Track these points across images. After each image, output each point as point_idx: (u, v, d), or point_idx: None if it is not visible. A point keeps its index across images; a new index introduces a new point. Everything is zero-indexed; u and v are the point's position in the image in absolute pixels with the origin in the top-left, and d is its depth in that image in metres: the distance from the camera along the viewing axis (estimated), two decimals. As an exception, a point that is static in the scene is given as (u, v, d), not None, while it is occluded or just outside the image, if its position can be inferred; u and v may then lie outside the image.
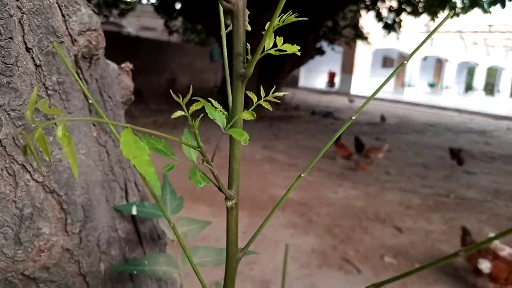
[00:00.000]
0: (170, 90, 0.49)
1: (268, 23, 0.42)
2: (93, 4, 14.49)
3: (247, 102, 0.46)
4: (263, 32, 0.42)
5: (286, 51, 0.44)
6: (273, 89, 0.50)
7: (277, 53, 0.44)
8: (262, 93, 0.48)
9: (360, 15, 12.27)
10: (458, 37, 23.09)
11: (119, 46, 11.43)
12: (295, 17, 0.47)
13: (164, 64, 13.20)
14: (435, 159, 6.66)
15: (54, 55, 0.74)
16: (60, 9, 0.76)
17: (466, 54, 26.07)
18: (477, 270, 2.53)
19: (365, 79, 21.44)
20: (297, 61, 11.65)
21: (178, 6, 11.18)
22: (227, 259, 0.53)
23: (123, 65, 1.14)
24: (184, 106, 0.42)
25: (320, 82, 23.86)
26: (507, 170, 6.26)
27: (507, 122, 14.14)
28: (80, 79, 0.82)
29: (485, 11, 9.82)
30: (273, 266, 2.70)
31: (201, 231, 3.18)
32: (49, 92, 0.74)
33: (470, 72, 32.18)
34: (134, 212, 0.92)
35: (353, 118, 0.54)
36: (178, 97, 0.43)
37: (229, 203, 0.50)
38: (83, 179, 0.82)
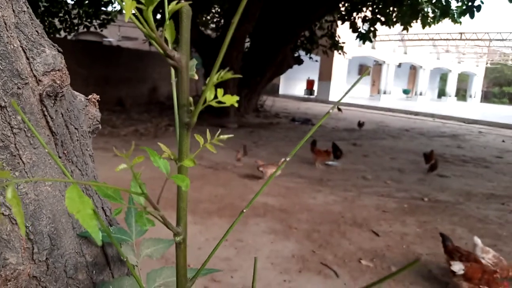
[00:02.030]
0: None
1: (217, 75, 0.47)
2: (74, 15, 14.41)
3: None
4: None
5: (225, 103, 0.48)
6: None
7: (218, 105, 0.48)
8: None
9: (336, 25, 12.56)
10: (431, 45, 23.85)
11: (101, 56, 11.34)
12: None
13: (145, 73, 13.18)
14: (410, 163, 6.86)
15: (19, 96, 0.80)
16: (25, 52, 0.82)
17: (439, 61, 26.92)
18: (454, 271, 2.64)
19: (342, 86, 21.86)
20: (276, 70, 11.83)
21: (158, 16, 11.22)
22: (177, 289, 0.55)
23: (90, 96, 1.19)
24: (127, 159, 0.44)
25: (299, 89, 24.17)
26: (478, 173, 6.50)
27: (479, 126, 14.66)
28: (45, 115, 0.87)
29: (455, 21, 10.23)
30: (254, 273, 2.74)
31: (187, 239, 3.19)
32: (14, 130, 0.80)
33: (443, 78, 33.20)
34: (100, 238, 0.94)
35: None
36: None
37: (177, 239, 0.53)
38: (49, 209, 0.87)
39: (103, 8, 12.00)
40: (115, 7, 13.38)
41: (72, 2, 14.07)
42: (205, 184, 4.77)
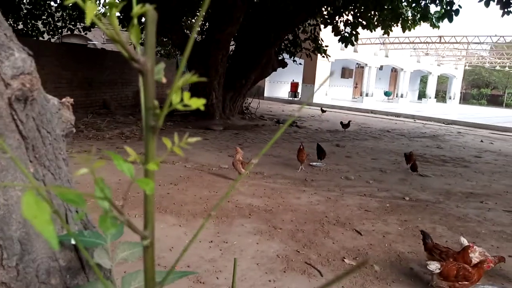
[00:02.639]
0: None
1: (178, 81, 0.48)
2: (57, 17, 14.12)
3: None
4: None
5: (191, 105, 0.48)
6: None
7: (184, 108, 0.48)
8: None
9: (319, 29, 12.70)
10: (411, 48, 24.32)
11: (85, 59, 11.19)
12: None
13: (131, 76, 13.06)
14: (391, 164, 7.00)
15: None
16: None
17: (419, 63, 27.46)
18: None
19: (325, 89, 22.11)
20: (261, 73, 11.89)
21: (143, 19, 11.16)
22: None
23: (63, 99, 1.17)
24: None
25: (284, 92, 24.31)
26: (457, 172, 6.68)
27: (458, 126, 15.01)
28: (15, 119, 0.86)
29: (434, 25, 10.49)
30: (238, 274, 2.76)
31: (169, 242, 3.16)
32: None
33: (423, 80, 33.88)
34: (72, 241, 0.94)
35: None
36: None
37: (145, 242, 0.53)
38: (20, 214, 0.86)
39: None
40: (99, 10, 13.25)
41: (56, 5, 13.87)
42: (190, 186, 4.77)
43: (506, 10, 8.54)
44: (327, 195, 4.79)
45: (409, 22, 10.95)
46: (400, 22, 10.86)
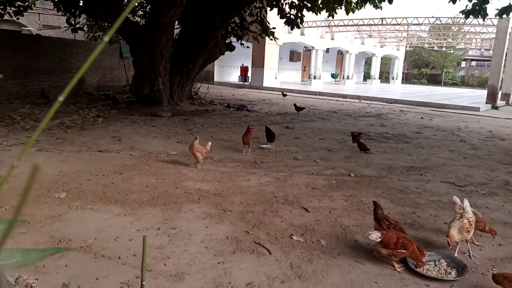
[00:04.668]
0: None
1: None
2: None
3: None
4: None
5: None
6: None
7: None
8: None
9: (265, 11, 12.65)
10: (355, 31, 24.99)
11: (19, 46, 10.36)
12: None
13: (70, 63, 12.32)
14: (338, 143, 7.21)
15: None
16: None
17: (363, 45, 28.33)
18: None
19: (275, 73, 22.22)
20: (208, 57, 11.66)
21: (81, 2, 10.50)
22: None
23: None
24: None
25: (234, 77, 24.12)
26: (399, 148, 7.02)
27: (400, 105, 15.76)
28: None
29: (376, 6, 10.80)
30: (187, 259, 2.73)
31: (114, 233, 3.04)
32: None
33: (368, 62, 35.08)
34: None
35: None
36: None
37: None
38: None
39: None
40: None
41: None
42: (137, 174, 4.63)
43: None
44: (276, 176, 4.85)
45: (353, 5, 11.19)
46: (343, 4, 11.07)
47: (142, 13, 14.26)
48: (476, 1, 8.79)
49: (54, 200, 3.68)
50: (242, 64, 22.92)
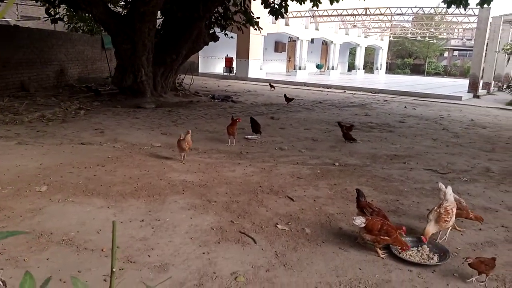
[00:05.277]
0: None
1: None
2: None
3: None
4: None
5: None
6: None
7: None
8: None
9: (249, 1, 12.52)
10: (339, 21, 25.02)
11: (-4, 38, 10.03)
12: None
13: (50, 55, 12.00)
14: (322, 133, 7.24)
15: None
16: None
17: (347, 36, 28.40)
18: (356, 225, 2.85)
19: (260, 64, 22.13)
20: (192, 47, 11.51)
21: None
22: None
23: None
24: None
25: (219, 68, 23.94)
26: (383, 137, 7.08)
27: (384, 95, 15.90)
28: None
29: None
30: (171, 250, 2.71)
31: (97, 225, 3.00)
32: None
33: (352, 52, 35.22)
34: None
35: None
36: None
37: None
38: None
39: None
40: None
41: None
42: (119, 166, 4.56)
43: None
44: (261, 166, 4.84)
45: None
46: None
47: (124, 2, 13.96)
48: (458, -9, 8.87)
49: (35, 194, 3.60)
50: (227, 55, 22.76)
